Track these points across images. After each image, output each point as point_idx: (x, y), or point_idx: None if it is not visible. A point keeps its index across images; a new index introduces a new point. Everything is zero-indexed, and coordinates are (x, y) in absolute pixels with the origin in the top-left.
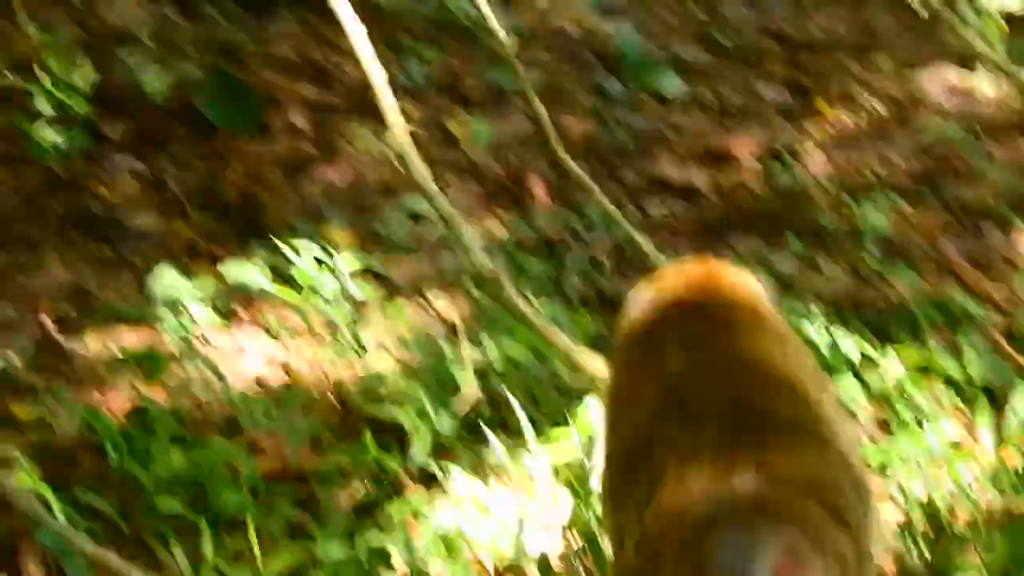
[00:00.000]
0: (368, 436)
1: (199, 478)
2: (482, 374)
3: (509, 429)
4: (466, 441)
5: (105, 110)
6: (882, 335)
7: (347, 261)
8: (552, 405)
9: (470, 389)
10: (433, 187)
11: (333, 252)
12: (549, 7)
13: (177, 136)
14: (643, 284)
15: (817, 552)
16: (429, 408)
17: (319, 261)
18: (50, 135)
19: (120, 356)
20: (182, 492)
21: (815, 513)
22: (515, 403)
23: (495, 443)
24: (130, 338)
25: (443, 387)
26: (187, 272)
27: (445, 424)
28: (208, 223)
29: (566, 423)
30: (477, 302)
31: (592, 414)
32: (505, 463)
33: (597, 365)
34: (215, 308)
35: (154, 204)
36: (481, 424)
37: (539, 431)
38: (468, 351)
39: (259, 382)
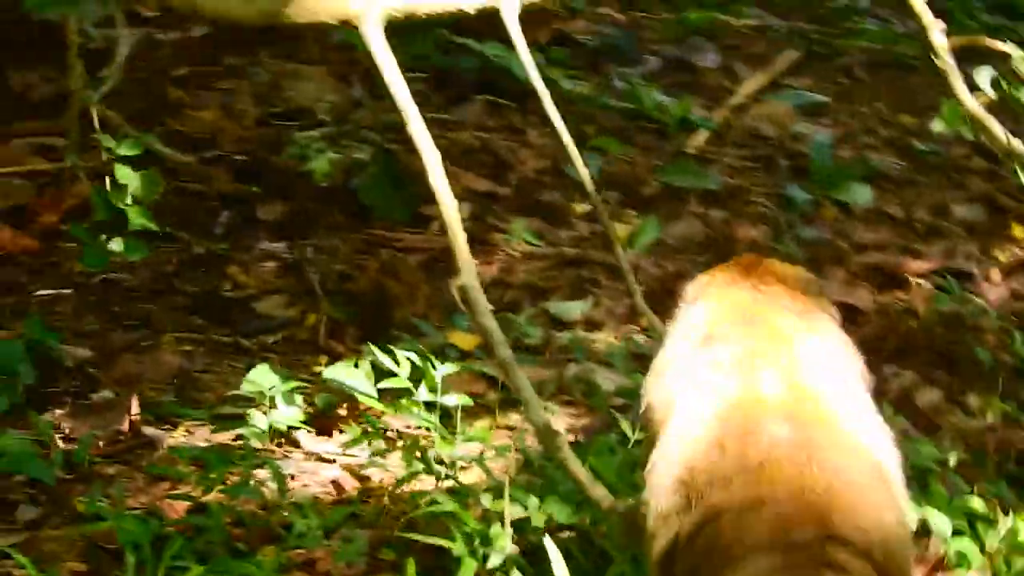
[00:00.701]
0: (411, 564)
1: None
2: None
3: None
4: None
5: (265, 190)
6: (1020, 485)
7: (448, 369)
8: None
9: (505, 540)
10: (492, 323)
11: (435, 362)
12: (749, 103)
13: (330, 221)
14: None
15: None
16: (478, 540)
17: (415, 367)
18: (112, 245)
19: (197, 451)
20: None
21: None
22: (553, 552)
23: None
24: (215, 433)
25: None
26: (298, 367)
27: (495, 557)
28: (337, 314)
29: None
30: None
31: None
32: None
33: None
34: (311, 409)
35: (286, 291)
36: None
37: None
38: (507, 500)
39: (335, 487)
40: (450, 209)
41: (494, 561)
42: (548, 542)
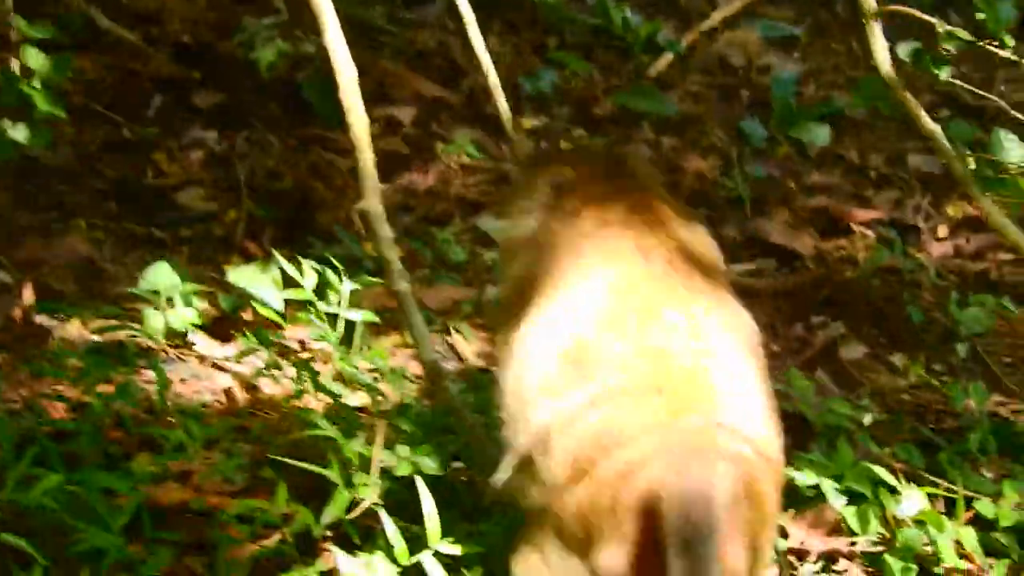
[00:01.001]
0: (283, 488)
1: (69, 508)
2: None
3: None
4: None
5: (204, 77)
6: (933, 451)
7: (356, 284)
8: None
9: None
10: (392, 253)
11: (343, 274)
12: (719, 29)
13: (267, 115)
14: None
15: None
16: (355, 470)
17: (322, 280)
18: (15, 132)
19: (88, 346)
20: (51, 519)
21: (750, 459)
22: (424, 493)
23: (389, 530)
24: (110, 331)
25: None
26: (208, 264)
27: (370, 489)
28: (259, 212)
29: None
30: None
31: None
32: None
33: None
34: (213, 311)
35: (211, 184)
36: (380, 510)
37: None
38: (380, 440)
39: (227, 396)
40: (360, 127)
41: (369, 496)
42: (420, 483)
